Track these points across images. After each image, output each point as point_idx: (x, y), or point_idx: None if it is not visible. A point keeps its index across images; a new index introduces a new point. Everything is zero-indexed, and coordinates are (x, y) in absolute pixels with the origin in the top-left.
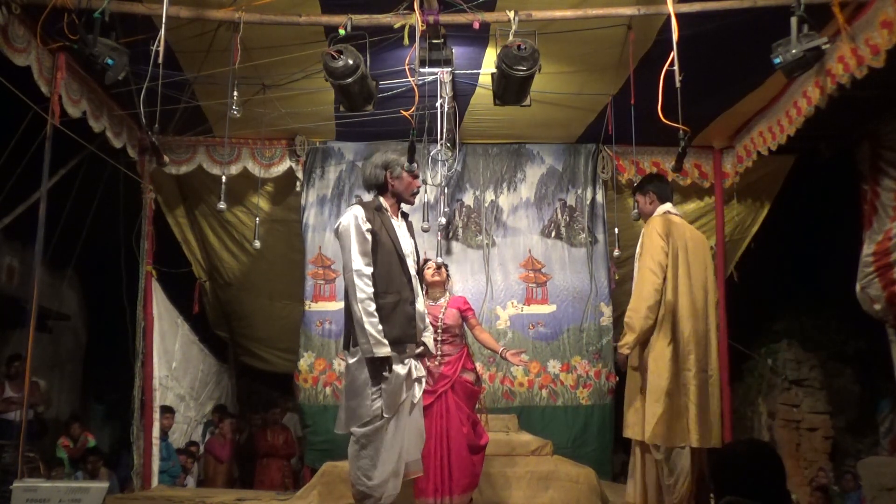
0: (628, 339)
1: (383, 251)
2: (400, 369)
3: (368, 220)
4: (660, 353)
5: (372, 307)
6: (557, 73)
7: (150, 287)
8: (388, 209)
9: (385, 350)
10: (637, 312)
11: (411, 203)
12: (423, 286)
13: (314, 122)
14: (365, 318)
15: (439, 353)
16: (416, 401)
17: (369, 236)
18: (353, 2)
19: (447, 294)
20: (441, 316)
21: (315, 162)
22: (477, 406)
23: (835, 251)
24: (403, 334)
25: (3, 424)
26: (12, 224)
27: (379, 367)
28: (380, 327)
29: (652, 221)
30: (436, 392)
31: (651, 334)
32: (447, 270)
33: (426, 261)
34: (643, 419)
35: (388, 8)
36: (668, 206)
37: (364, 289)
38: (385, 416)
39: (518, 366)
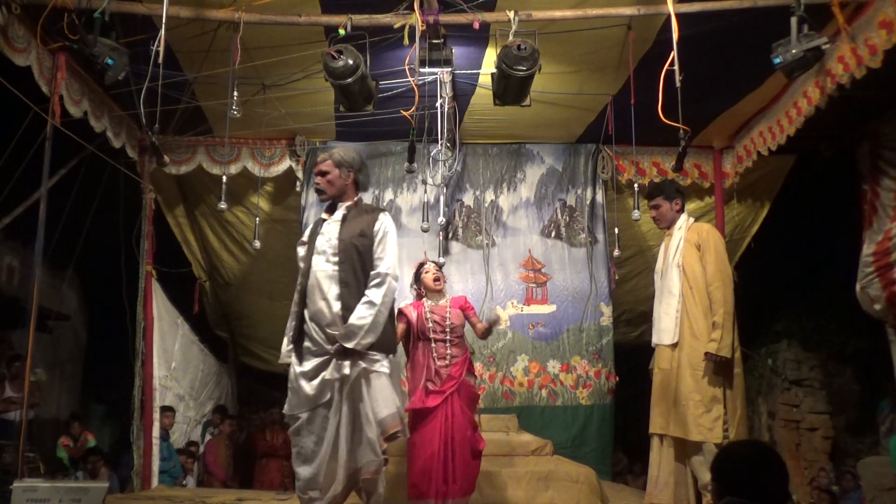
0: (728, 340)
1: (304, 258)
2: (296, 368)
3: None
4: (739, 358)
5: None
6: (557, 73)
7: (150, 287)
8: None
9: (280, 355)
10: (730, 315)
11: (319, 198)
12: (422, 289)
13: (314, 122)
14: None
15: (448, 354)
16: (332, 403)
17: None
18: (353, 2)
19: (446, 294)
20: (448, 316)
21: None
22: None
23: (835, 251)
24: (294, 334)
25: (3, 424)
26: (12, 224)
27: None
28: (290, 333)
29: (716, 232)
30: (443, 393)
31: None
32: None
33: (422, 263)
34: (721, 420)
35: (388, 8)
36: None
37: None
38: (288, 413)
39: (496, 323)
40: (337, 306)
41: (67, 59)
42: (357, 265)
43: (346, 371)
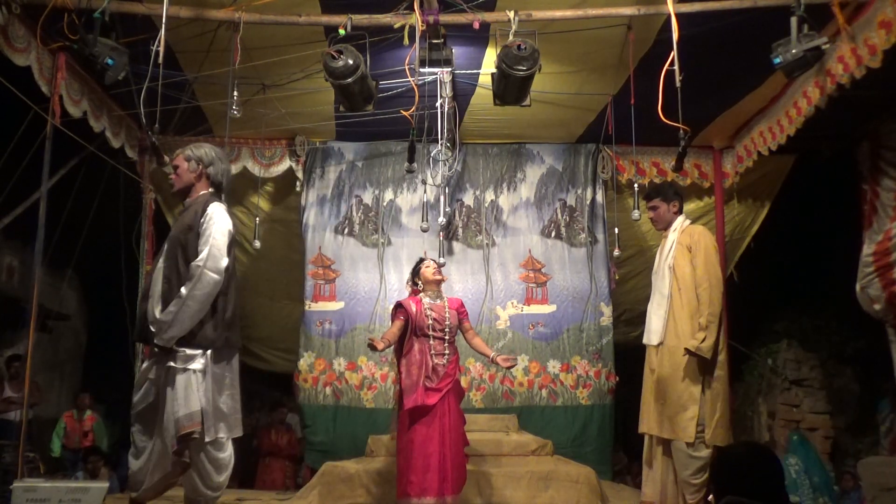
0: (710, 342)
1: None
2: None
3: None
4: (724, 360)
5: None
6: (557, 73)
7: None
8: None
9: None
10: (716, 317)
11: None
12: (420, 284)
13: (314, 122)
14: None
15: (445, 351)
16: (157, 402)
17: None
18: (353, 2)
19: (444, 294)
20: (447, 316)
21: (315, 162)
22: None
23: (835, 251)
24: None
25: (3, 424)
26: (12, 224)
27: None
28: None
29: (708, 234)
30: (441, 391)
31: None
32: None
33: (422, 259)
34: (695, 420)
35: (388, 8)
36: (684, 216)
37: None
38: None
39: (510, 368)
40: (160, 305)
41: (67, 58)
42: (181, 261)
43: (161, 372)
